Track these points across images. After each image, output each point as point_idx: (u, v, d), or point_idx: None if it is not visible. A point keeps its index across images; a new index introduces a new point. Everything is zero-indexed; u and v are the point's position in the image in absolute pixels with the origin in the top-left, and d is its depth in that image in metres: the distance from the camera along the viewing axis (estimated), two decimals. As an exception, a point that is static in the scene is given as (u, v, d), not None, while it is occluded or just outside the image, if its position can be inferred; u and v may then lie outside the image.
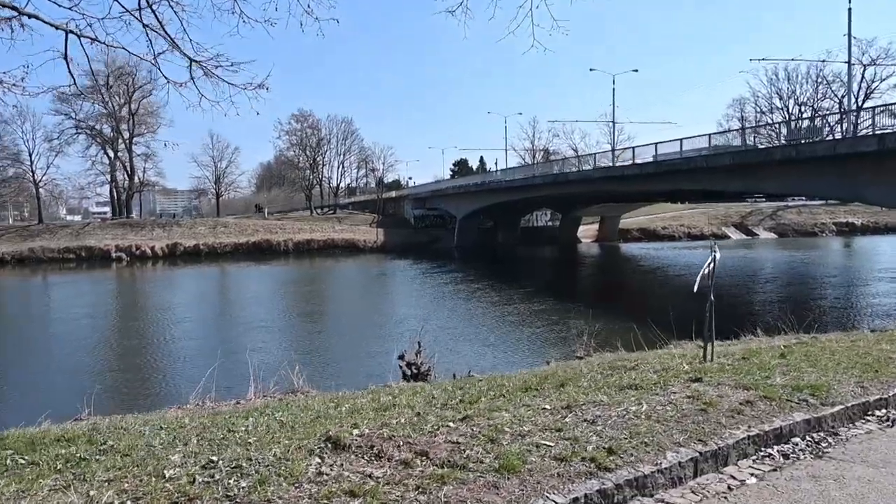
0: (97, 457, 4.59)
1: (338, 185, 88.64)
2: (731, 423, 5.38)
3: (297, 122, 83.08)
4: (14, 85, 8.35)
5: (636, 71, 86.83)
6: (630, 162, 43.68)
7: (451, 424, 5.19)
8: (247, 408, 7.42)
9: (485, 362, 19.05)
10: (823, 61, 65.09)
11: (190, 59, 8.20)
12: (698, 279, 7.83)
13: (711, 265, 8.05)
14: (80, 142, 71.01)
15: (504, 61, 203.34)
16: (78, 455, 4.56)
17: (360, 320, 28.85)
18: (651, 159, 41.41)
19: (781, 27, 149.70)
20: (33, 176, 69.25)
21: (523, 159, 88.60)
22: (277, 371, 9.99)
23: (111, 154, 71.42)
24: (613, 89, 65.67)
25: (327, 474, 4.04)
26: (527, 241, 71.53)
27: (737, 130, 37.90)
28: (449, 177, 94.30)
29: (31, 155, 69.32)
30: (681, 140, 38.68)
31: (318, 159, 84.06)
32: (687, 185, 40.80)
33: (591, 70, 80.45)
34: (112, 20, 6.82)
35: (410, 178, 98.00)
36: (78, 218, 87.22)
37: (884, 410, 6.36)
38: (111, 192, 74.81)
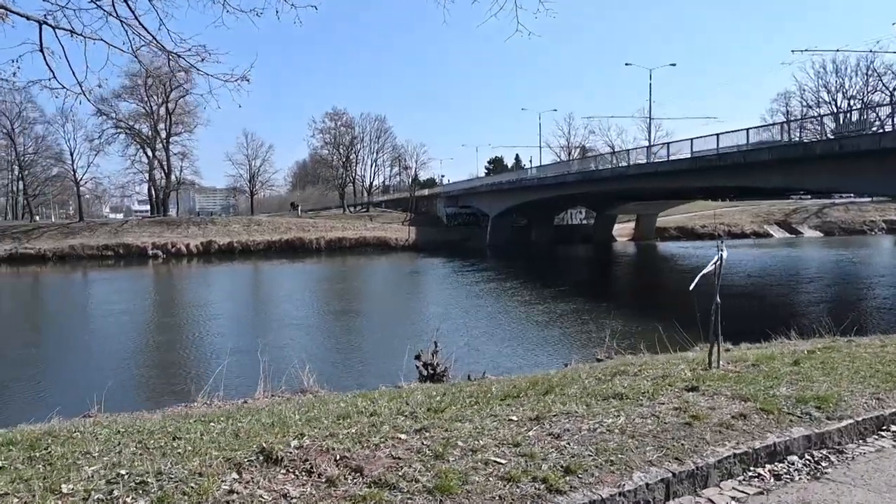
0: (17, 465, 4.29)
1: (371, 184, 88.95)
2: (717, 439, 4.83)
3: (330, 121, 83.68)
4: (4, 80, 8.22)
5: (674, 65, 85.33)
6: (664, 158, 42.56)
7: (401, 436, 4.76)
8: (221, 411, 7.15)
9: (510, 362, 18.77)
10: (872, 52, 62.39)
11: (168, 51, 7.97)
12: (697, 277, 7.24)
13: (718, 264, 7.48)
14: (120, 141, 72.80)
15: (538, 57, 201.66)
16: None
17: (388, 318, 28.56)
18: (687, 155, 40.26)
19: (826, 17, 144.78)
20: (74, 175, 71.08)
21: (558, 157, 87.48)
22: (292, 369, 9.76)
23: (149, 153, 72.89)
24: (650, 84, 63.97)
25: (238, 493, 3.65)
26: (561, 239, 70.52)
27: (775, 125, 36.40)
28: (484, 175, 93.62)
29: (72, 154, 71.43)
30: (717, 135, 37.45)
31: (351, 157, 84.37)
32: (723, 182, 39.57)
33: (626, 65, 78.50)
34: (88, 12, 6.65)
35: (443, 176, 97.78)
36: (120, 216, 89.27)
37: (902, 426, 5.72)
38: (149, 190, 76.38)
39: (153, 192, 75.58)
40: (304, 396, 8.76)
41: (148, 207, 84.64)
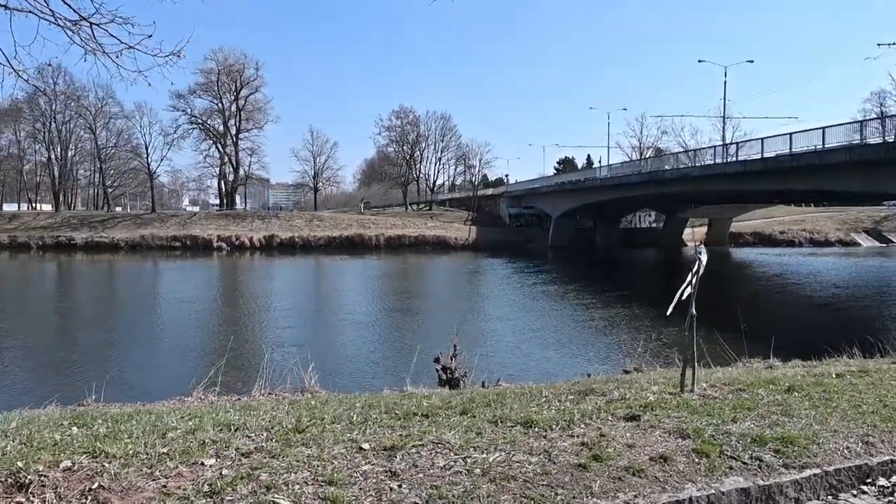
0: None
1: (434, 182, 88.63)
2: (608, 490, 3.76)
3: (397, 119, 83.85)
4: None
5: (751, 62, 79.74)
6: (735, 158, 39.91)
7: (205, 462, 3.91)
8: (166, 408, 6.53)
9: (550, 367, 17.98)
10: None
11: (80, 16, 7.28)
12: (675, 300, 6.16)
13: (696, 271, 6.28)
14: (194, 136, 75.42)
15: (608, 54, 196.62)
16: None
17: (436, 318, 27.79)
18: (757, 156, 37.58)
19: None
20: (148, 168, 74.14)
21: (629, 158, 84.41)
22: (308, 367, 9.33)
23: (220, 148, 75.12)
24: (725, 82, 59.67)
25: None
26: (627, 242, 67.98)
27: (853, 123, 33.22)
28: (553, 175, 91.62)
29: (147, 148, 74.31)
30: (790, 135, 34.68)
31: (415, 155, 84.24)
32: (796, 185, 36.70)
33: (699, 61, 74.26)
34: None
35: (507, 176, 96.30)
36: (196, 209, 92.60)
37: (893, 479, 4.40)
38: (219, 184, 78.84)
39: (222, 186, 77.84)
40: (293, 396, 8.19)
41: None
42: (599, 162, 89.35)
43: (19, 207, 78.75)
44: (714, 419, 5.00)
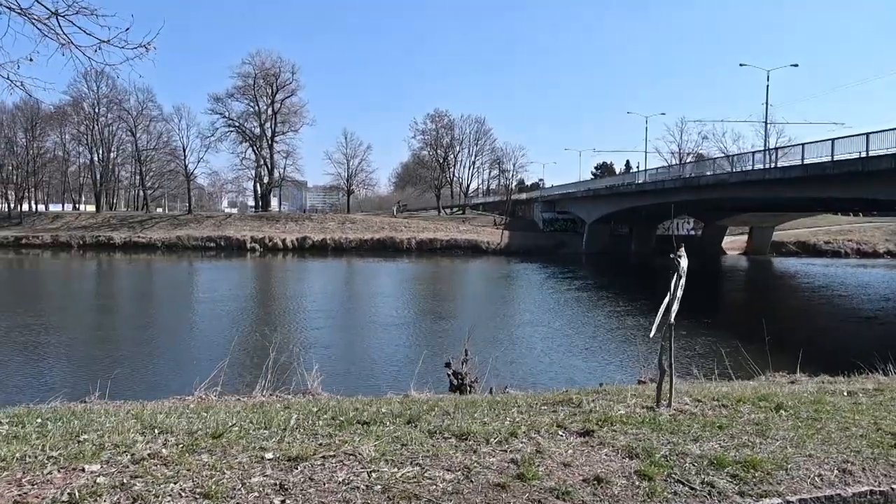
0: None
1: (468, 186, 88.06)
2: (519, 516, 3.26)
3: (431, 122, 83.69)
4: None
5: (795, 65, 76.79)
6: (773, 165, 38.50)
7: (86, 468, 3.65)
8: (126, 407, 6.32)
9: (574, 374, 17.61)
10: None
11: (50, 11, 7.10)
12: (657, 320, 5.67)
13: (675, 277, 5.79)
14: (231, 139, 76.61)
15: (646, 58, 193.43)
16: None
17: (463, 322, 27.37)
18: (797, 162, 36.15)
19: None
20: (185, 169, 75.53)
21: (668, 163, 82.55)
22: (313, 370, 9.14)
23: (257, 150, 76.08)
24: (767, 86, 57.67)
25: None
26: (663, 249, 65.83)
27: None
28: (588, 180, 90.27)
29: (184, 150, 75.88)
30: (832, 140, 33.23)
31: (449, 158, 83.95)
32: (838, 193, 35.20)
33: (741, 65, 72.06)
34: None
35: (541, 180, 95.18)
36: (235, 210, 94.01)
37: (872, 514, 3.83)
38: (254, 186, 79.84)
39: (258, 188, 78.83)
40: (293, 398, 7.94)
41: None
42: (637, 167, 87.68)
43: (63, 208, 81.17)
44: (676, 437, 4.50)
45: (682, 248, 5.78)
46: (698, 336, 23.47)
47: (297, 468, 3.75)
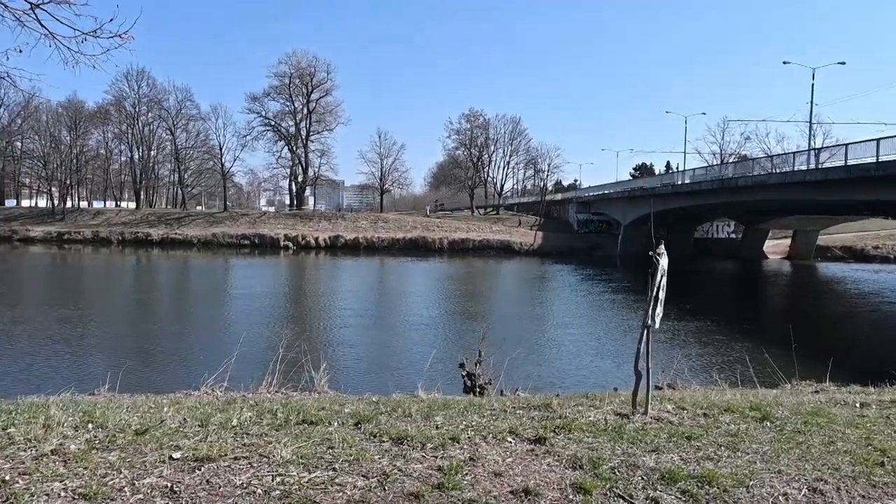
0: None
1: (502, 186, 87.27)
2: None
3: (466, 122, 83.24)
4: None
5: (843, 63, 73.64)
6: (815, 166, 37.08)
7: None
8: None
9: (599, 378, 16.97)
10: None
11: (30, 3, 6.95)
12: (658, 312, 5.47)
13: (658, 278, 5.47)
14: (268, 138, 77.57)
15: (685, 56, 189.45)
16: None
17: (492, 323, 27.04)
18: (840, 163, 34.74)
19: None
20: (222, 168, 76.72)
21: (708, 164, 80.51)
22: (321, 367, 9.03)
23: (292, 150, 76.82)
24: (812, 85, 55.25)
25: None
26: (701, 253, 64.74)
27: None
28: (623, 181, 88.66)
29: (220, 149, 77.07)
30: (877, 140, 31.78)
31: (483, 158, 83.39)
32: (885, 195, 33.59)
33: (784, 63, 69.27)
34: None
35: (576, 181, 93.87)
36: (272, 209, 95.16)
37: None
38: (289, 185, 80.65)
39: (293, 186, 79.57)
40: (299, 395, 7.78)
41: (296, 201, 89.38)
42: (676, 168, 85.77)
43: (105, 205, 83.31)
44: (634, 448, 4.07)
45: (662, 245, 5.40)
46: (734, 342, 22.69)
47: (199, 470, 3.46)
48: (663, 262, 5.28)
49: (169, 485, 3.25)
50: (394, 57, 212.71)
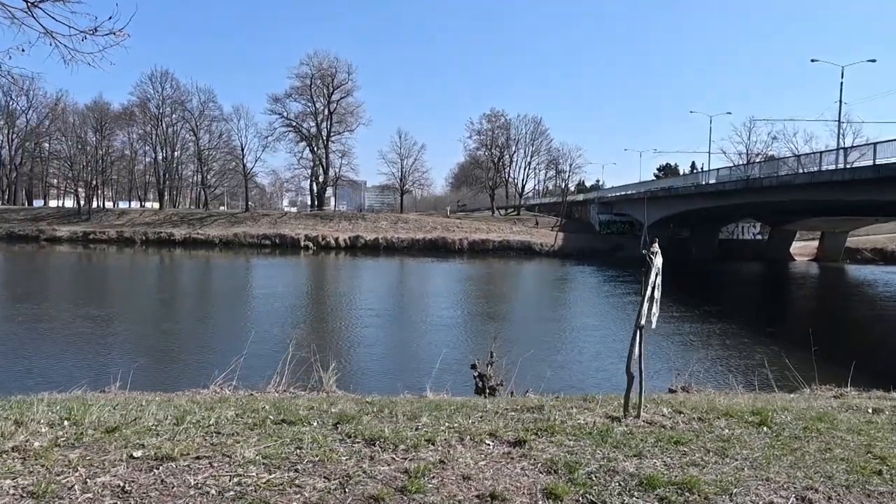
0: None
1: (523, 186, 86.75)
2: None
3: (487, 122, 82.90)
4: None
5: (873, 61, 71.70)
6: (843, 165, 36.20)
7: None
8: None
9: (617, 379, 16.55)
10: None
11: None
12: (654, 311, 5.31)
13: (654, 276, 5.29)
14: (289, 139, 78.11)
15: (710, 54, 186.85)
16: None
17: (511, 324, 26.95)
18: (869, 163, 33.89)
19: None
20: (243, 168, 77.39)
21: (733, 164, 79.13)
22: (329, 367, 9.00)
23: (313, 150, 77.20)
24: (841, 83, 53.67)
25: None
26: (726, 255, 63.72)
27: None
28: (645, 181, 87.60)
29: (242, 150, 77.73)
30: (908, 137, 30.94)
31: (504, 159, 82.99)
32: (916, 196, 32.71)
33: (812, 61, 67.82)
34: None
35: (598, 181, 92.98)
36: (294, 209, 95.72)
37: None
38: (310, 185, 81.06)
39: (314, 187, 79.95)
40: (308, 395, 7.72)
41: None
42: (701, 168, 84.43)
43: (130, 205, 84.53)
44: (617, 452, 3.89)
45: (657, 244, 5.27)
46: (756, 345, 22.21)
47: (157, 469, 3.33)
48: (657, 261, 5.14)
49: (122, 484, 3.13)
50: (414, 57, 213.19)
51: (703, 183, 56.78)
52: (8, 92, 79.62)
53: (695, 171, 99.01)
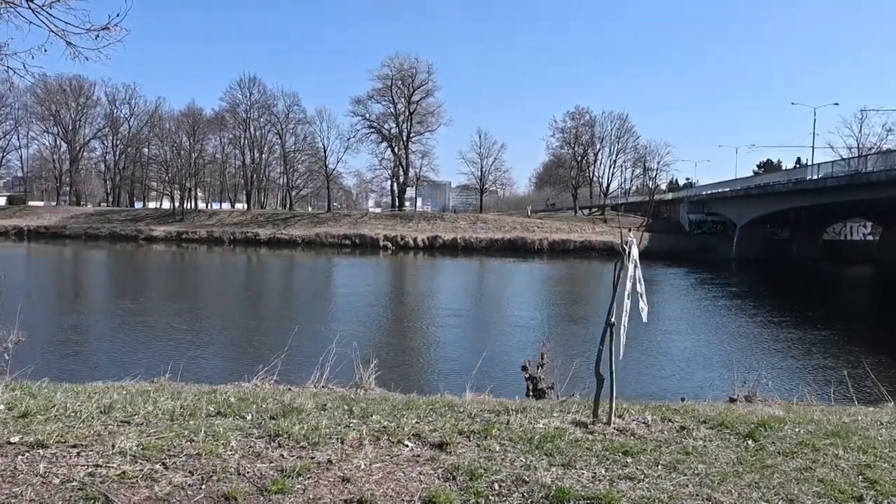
0: None
1: (608, 186, 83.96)
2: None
3: (571, 120, 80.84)
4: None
5: None
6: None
7: None
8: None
9: (687, 386, 15.91)
10: None
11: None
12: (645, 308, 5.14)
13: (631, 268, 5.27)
14: (371, 140, 79.46)
15: (813, 42, 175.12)
16: None
17: (586, 326, 25.64)
18: None
19: None
20: (326, 170, 78.95)
21: (839, 158, 73.34)
22: (371, 365, 8.67)
23: (394, 151, 77.91)
24: None
25: None
26: (831, 256, 59.26)
27: None
28: (739, 178, 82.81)
29: (324, 151, 79.50)
30: None
31: (588, 157, 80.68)
32: None
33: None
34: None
35: (689, 179, 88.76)
36: (379, 210, 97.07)
37: None
38: (391, 186, 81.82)
39: (394, 187, 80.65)
40: (345, 391, 7.55)
41: (406, 203, 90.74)
42: (806, 164, 78.85)
43: (221, 206, 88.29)
44: (544, 461, 3.70)
45: (632, 234, 5.28)
46: (849, 355, 20.02)
47: (20, 456, 3.37)
48: (633, 252, 5.18)
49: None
50: (496, 55, 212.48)
51: (806, 178, 52.69)
52: (112, 101, 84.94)
53: (799, 166, 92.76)
